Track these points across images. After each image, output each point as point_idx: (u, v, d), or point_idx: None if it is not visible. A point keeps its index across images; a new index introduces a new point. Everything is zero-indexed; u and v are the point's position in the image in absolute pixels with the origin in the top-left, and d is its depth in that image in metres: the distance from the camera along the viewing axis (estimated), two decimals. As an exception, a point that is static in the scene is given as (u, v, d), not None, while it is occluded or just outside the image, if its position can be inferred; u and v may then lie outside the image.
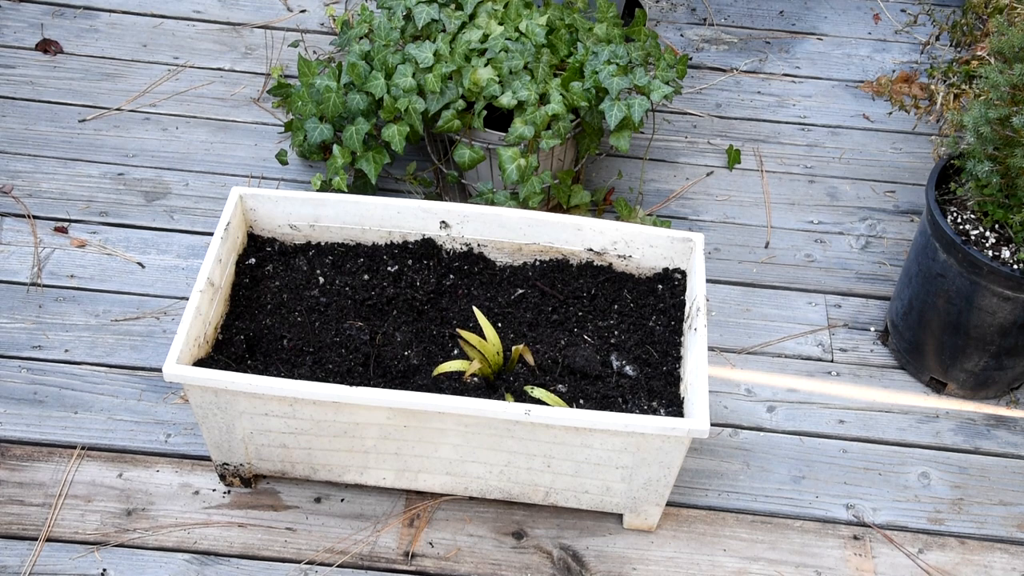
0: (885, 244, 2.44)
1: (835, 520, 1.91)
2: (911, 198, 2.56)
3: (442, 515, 1.86)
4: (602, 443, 1.66)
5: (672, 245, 1.94)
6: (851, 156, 2.67)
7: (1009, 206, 1.89)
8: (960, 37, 2.76)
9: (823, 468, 1.99)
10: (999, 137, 1.83)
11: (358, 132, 2.22)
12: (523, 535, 1.85)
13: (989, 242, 1.91)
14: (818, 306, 2.29)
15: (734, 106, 2.80)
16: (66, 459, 1.91)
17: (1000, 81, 1.82)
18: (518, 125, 2.13)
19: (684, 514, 1.90)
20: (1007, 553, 1.88)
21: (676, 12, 3.12)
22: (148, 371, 2.06)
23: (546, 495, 1.81)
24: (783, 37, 3.05)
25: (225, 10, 2.98)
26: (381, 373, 1.79)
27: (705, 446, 2.01)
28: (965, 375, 2.06)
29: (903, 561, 1.85)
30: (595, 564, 1.81)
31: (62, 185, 2.43)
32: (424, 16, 2.22)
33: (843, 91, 2.87)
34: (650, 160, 2.60)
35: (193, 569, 1.77)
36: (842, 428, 2.06)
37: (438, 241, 1.98)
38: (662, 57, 2.29)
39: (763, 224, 2.48)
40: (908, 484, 1.97)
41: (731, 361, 2.17)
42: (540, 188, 2.18)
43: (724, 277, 2.35)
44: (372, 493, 1.88)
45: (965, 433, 2.06)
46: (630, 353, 1.86)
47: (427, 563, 1.80)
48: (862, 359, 2.19)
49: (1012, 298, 1.87)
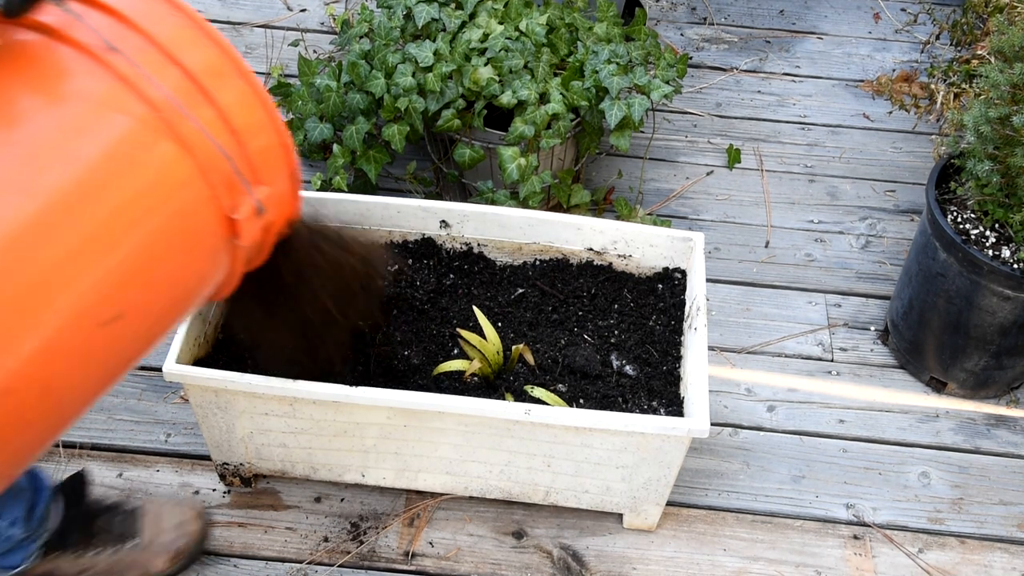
0: (885, 243, 2.44)
1: (835, 520, 1.91)
2: (911, 197, 2.56)
3: (442, 515, 1.86)
4: (602, 443, 1.66)
5: (672, 244, 1.93)
6: (851, 155, 2.67)
7: (1009, 205, 1.88)
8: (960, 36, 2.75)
9: (823, 468, 1.99)
10: (999, 136, 1.83)
11: (358, 131, 2.22)
12: (523, 535, 1.85)
13: (989, 241, 1.91)
14: (818, 305, 2.29)
15: (734, 105, 2.80)
16: (66, 459, 1.91)
17: (1000, 80, 1.81)
18: (518, 124, 2.13)
19: (684, 514, 1.90)
20: (1007, 553, 1.88)
21: (676, 11, 3.12)
22: (148, 370, 2.06)
23: (546, 495, 1.81)
24: (783, 36, 3.05)
25: (225, 9, 2.98)
26: (381, 372, 1.79)
27: (705, 446, 2.01)
28: (965, 375, 2.06)
29: (903, 561, 1.85)
30: (595, 564, 1.81)
31: (62, 184, 2.42)
32: (424, 15, 2.22)
33: (843, 90, 2.87)
34: (650, 159, 2.60)
35: (193, 568, 1.77)
36: (842, 428, 2.06)
37: (438, 241, 1.98)
38: (662, 56, 2.29)
39: (763, 223, 2.48)
40: (908, 484, 1.97)
41: (731, 361, 2.17)
42: (540, 187, 2.18)
43: (724, 276, 2.35)
44: (372, 493, 1.88)
45: (965, 433, 2.06)
46: (630, 353, 1.86)
47: (427, 563, 1.80)
48: (862, 359, 2.19)
49: (1012, 297, 1.87)
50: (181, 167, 1.00)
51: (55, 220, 0.90)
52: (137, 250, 0.97)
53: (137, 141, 0.96)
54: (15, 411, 0.91)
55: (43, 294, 0.90)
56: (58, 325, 0.91)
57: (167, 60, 0.99)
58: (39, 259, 0.90)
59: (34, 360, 0.90)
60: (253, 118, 1.08)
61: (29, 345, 0.90)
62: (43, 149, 0.91)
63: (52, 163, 0.91)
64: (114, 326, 0.97)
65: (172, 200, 1.00)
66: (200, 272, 1.08)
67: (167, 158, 0.98)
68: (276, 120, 1.12)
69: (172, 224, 1.00)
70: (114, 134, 0.95)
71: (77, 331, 0.94)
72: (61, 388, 0.95)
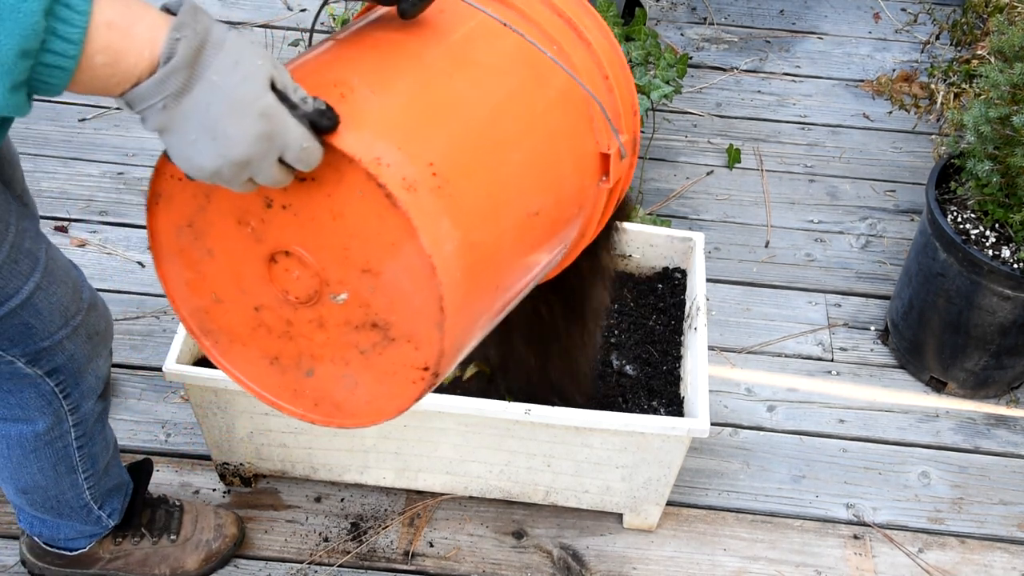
0: (885, 243, 2.44)
1: (835, 519, 1.91)
2: (911, 197, 2.56)
3: (442, 514, 1.86)
4: (602, 442, 1.66)
5: (672, 244, 1.93)
6: (851, 155, 2.67)
7: (1009, 205, 1.88)
8: (960, 36, 2.76)
9: (823, 467, 1.99)
10: (999, 136, 1.83)
11: (358, 131, 2.22)
12: (523, 534, 1.85)
13: (989, 241, 1.90)
14: (818, 305, 2.29)
15: (734, 105, 2.80)
16: (66, 458, 1.91)
17: (1000, 80, 1.81)
18: (518, 124, 2.12)
19: (684, 513, 1.90)
20: (1007, 552, 1.88)
21: (676, 11, 3.12)
22: (148, 370, 2.06)
23: (546, 494, 1.81)
24: (783, 36, 3.05)
25: (225, 9, 2.98)
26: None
27: (705, 445, 2.01)
28: (965, 374, 2.06)
29: (903, 560, 1.85)
30: (595, 563, 1.81)
31: (62, 184, 2.43)
32: (424, 15, 2.22)
33: (843, 90, 2.87)
34: (650, 159, 2.60)
35: (193, 568, 1.77)
36: (842, 427, 2.06)
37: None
38: (662, 56, 2.29)
39: (763, 223, 2.48)
40: (908, 483, 1.97)
41: (731, 360, 2.17)
42: (540, 187, 2.18)
43: (724, 276, 2.34)
44: (372, 492, 1.88)
45: (965, 432, 2.06)
46: (630, 353, 1.86)
47: (427, 563, 1.80)
48: (862, 358, 2.19)
49: (1012, 297, 1.87)
50: (575, 93, 1.15)
51: (504, 124, 1.08)
52: (547, 150, 1.12)
53: (549, 67, 1.14)
54: (486, 264, 1.04)
55: (507, 181, 1.06)
56: (519, 205, 1.08)
57: (554, 13, 1.18)
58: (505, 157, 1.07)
59: (505, 233, 1.05)
60: (619, 72, 1.23)
61: (506, 220, 1.05)
62: (488, 74, 1.09)
63: (498, 82, 1.10)
64: (535, 219, 1.10)
65: (569, 116, 1.15)
66: (580, 198, 1.20)
67: (566, 85, 1.15)
68: (631, 80, 1.27)
69: (568, 139, 1.16)
70: (532, 59, 1.13)
71: (522, 214, 1.09)
72: (509, 264, 1.09)
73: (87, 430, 1.43)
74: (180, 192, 0.97)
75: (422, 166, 0.94)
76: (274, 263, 0.99)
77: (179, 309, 1.08)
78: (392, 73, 1.00)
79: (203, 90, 0.81)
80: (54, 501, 1.50)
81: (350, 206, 0.92)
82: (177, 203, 0.99)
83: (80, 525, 1.57)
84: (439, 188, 0.94)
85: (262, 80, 0.83)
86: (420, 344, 0.98)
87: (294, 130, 0.84)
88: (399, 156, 0.92)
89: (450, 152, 0.98)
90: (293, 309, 1.02)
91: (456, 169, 0.97)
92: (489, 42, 1.10)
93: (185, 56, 0.80)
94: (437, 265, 0.93)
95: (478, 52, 1.09)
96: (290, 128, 0.84)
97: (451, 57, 1.06)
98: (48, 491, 1.47)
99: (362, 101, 0.94)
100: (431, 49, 1.05)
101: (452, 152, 0.99)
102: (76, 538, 1.60)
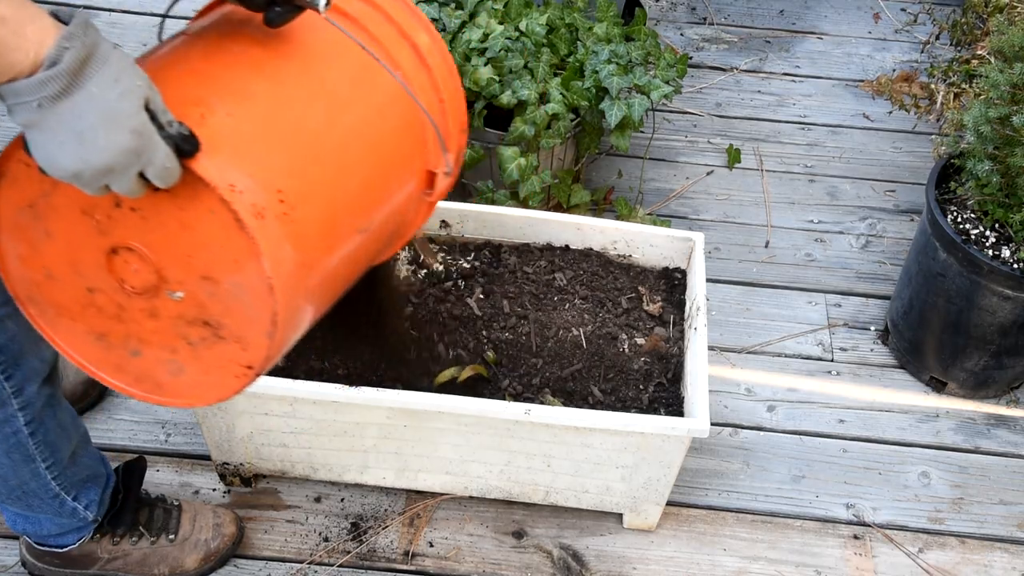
0: (885, 243, 2.44)
1: (835, 520, 1.91)
2: (911, 197, 2.56)
3: (442, 514, 1.86)
4: (602, 442, 1.66)
5: (672, 244, 1.93)
6: (851, 155, 2.67)
7: (1009, 205, 1.88)
8: (960, 36, 2.76)
9: (823, 468, 1.99)
10: (999, 136, 1.83)
11: (358, 131, 2.22)
12: (523, 534, 1.84)
13: (989, 241, 1.91)
14: (818, 305, 2.29)
15: (734, 105, 2.80)
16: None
17: (1000, 80, 1.81)
18: (518, 124, 2.13)
19: (684, 513, 1.90)
20: (1007, 552, 1.88)
21: (676, 11, 3.12)
22: (148, 370, 2.06)
23: (546, 494, 1.81)
24: (783, 36, 3.05)
25: None
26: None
27: (705, 445, 2.00)
28: (965, 374, 2.06)
29: (903, 560, 1.85)
30: (595, 563, 1.81)
31: None
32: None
33: (843, 90, 2.87)
34: (650, 159, 2.60)
35: (193, 568, 1.77)
36: (842, 428, 2.06)
37: (438, 241, 1.98)
38: (662, 56, 2.29)
39: (763, 223, 2.48)
40: (908, 483, 1.97)
41: (731, 360, 2.17)
42: (540, 187, 2.18)
43: (724, 276, 2.34)
44: (372, 492, 1.88)
45: (965, 432, 2.06)
46: (630, 352, 1.86)
47: (427, 563, 1.80)
48: (862, 358, 2.19)
49: (1012, 297, 1.87)
50: (414, 117, 1.22)
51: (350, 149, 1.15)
52: (382, 175, 1.20)
53: (394, 92, 1.20)
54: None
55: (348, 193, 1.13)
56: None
57: (401, 36, 1.24)
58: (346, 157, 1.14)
59: (335, 251, 1.12)
60: (452, 93, 1.30)
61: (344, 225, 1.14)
62: (336, 88, 1.16)
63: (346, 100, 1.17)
64: (364, 235, 1.18)
65: (406, 142, 1.23)
66: (404, 212, 1.27)
67: (406, 110, 1.21)
68: (463, 98, 1.33)
69: (403, 162, 1.23)
70: (378, 83, 1.20)
71: (352, 232, 1.16)
72: (333, 276, 1.15)
73: (35, 415, 1.41)
74: (26, 176, 1.02)
75: (271, 193, 1.01)
76: (114, 254, 1.04)
77: (8, 278, 1.12)
78: (248, 96, 1.07)
79: (82, 99, 0.87)
80: (19, 491, 1.48)
81: (200, 222, 0.99)
82: (21, 185, 1.03)
83: (56, 518, 1.56)
84: (285, 215, 1.02)
85: (138, 99, 0.90)
86: (249, 347, 1.05)
87: (160, 150, 0.92)
88: (250, 183, 0.99)
89: (297, 179, 1.06)
90: (127, 297, 1.07)
91: (301, 196, 1.05)
92: (342, 65, 1.17)
93: (70, 64, 0.85)
94: (275, 286, 1.00)
95: (331, 76, 1.15)
96: (157, 147, 0.92)
97: (305, 82, 1.13)
98: (8, 480, 1.46)
99: (219, 125, 1.01)
100: (286, 69, 1.12)
101: (299, 179, 1.06)
102: (60, 534, 1.60)
